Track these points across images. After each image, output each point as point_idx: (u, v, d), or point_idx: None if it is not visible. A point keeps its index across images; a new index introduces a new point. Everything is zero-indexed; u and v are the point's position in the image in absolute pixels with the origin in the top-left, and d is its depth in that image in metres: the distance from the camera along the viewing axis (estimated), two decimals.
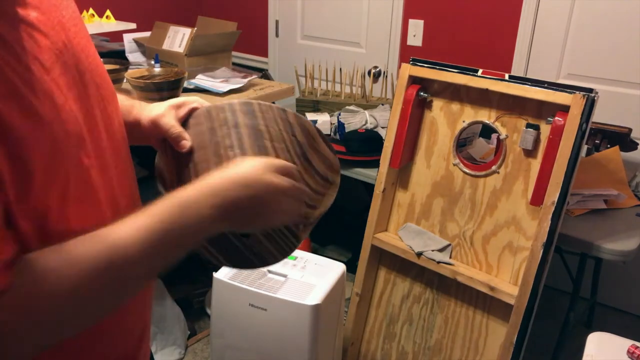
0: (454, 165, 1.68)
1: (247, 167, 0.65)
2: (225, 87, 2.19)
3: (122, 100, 0.81)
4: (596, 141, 1.95)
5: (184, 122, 0.77)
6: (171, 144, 0.75)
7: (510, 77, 1.54)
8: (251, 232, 0.72)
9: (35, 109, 0.52)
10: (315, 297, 1.59)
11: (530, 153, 1.54)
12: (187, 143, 0.74)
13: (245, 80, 2.27)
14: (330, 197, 0.80)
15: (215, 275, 1.68)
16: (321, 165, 0.78)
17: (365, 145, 2.12)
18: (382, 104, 2.42)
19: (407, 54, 2.71)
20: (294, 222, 0.74)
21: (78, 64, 0.62)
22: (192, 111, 0.78)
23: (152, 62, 2.27)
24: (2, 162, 0.49)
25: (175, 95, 1.93)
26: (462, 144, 1.83)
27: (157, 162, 0.79)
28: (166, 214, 0.59)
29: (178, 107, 0.78)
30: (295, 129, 0.75)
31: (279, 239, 0.75)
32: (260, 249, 0.75)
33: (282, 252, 0.78)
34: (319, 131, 0.78)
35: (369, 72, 2.70)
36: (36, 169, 0.52)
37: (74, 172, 0.58)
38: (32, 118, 0.52)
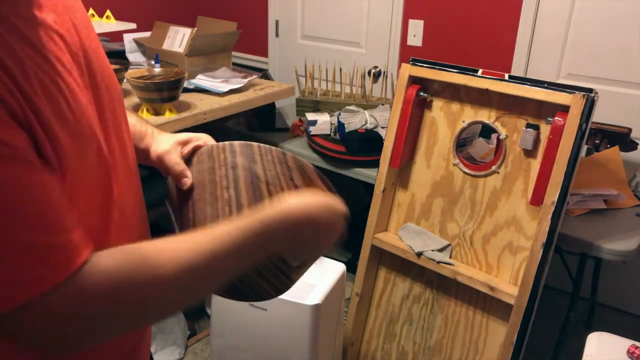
0: (454, 165, 1.68)
1: (318, 204, 0.69)
2: (225, 87, 2.19)
3: (136, 124, 0.83)
4: (596, 141, 1.95)
5: (189, 158, 0.79)
6: (174, 180, 0.78)
7: (510, 77, 1.54)
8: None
9: (63, 108, 0.54)
10: (315, 297, 1.59)
11: (530, 153, 1.54)
12: (187, 181, 0.76)
13: (245, 80, 2.27)
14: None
15: None
16: None
17: (365, 145, 2.12)
18: (382, 104, 2.42)
19: (407, 54, 2.71)
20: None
21: (90, 66, 0.63)
22: (196, 149, 0.79)
23: (152, 62, 2.27)
24: (55, 163, 0.52)
25: (176, 95, 1.93)
26: (462, 144, 1.83)
27: (168, 182, 0.82)
28: (249, 229, 0.63)
29: (184, 143, 0.80)
30: (293, 173, 0.76)
31: (273, 278, 0.79)
32: (255, 285, 0.79)
33: (276, 291, 0.83)
34: (319, 174, 0.79)
35: (369, 72, 2.70)
36: (68, 168, 0.54)
37: (92, 171, 0.59)
38: (63, 118, 0.53)
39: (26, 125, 0.50)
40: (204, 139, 0.81)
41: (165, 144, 0.80)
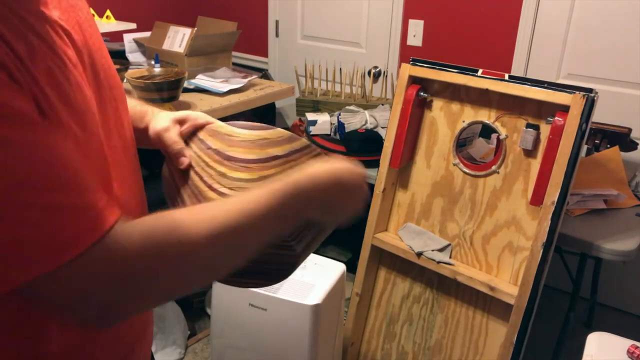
0: (454, 165, 1.68)
1: (344, 168, 0.69)
2: (225, 87, 2.19)
3: (136, 106, 0.82)
4: (596, 141, 1.95)
5: (188, 137, 0.78)
6: (172, 158, 0.76)
7: (510, 77, 1.54)
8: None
9: (70, 98, 0.54)
10: (315, 297, 1.59)
11: (530, 153, 1.54)
12: (185, 160, 0.75)
13: (245, 80, 2.27)
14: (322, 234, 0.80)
15: None
16: None
17: (365, 145, 2.12)
18: (382, 104, 2.42)
19: (407, 54, 2.71)
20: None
21: (94, 64, 0.63)
22: (195, 127, 0.78)
23: (152, 62, 2.27)
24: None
25: (176, 95, 1.93)
26: (462, 144, 1.83)
27: (164, 171, 0.81)
28: (283, 192, 0.62)
29: (182, 121, 0.79)
30: (302, 150, 0.74)
31: (274, 262, 0.76)
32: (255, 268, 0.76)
33: (277, 276, 0.78)
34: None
35: (369, 72, 2.70)
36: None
37: (93, 164, 0.59)
38: (70, 106, 0.54)
39: (35, 103, 0.50)
40: (202, 117, 0.80)
41: (163, 122, 0.78)
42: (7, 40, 0.49)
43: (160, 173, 0.82)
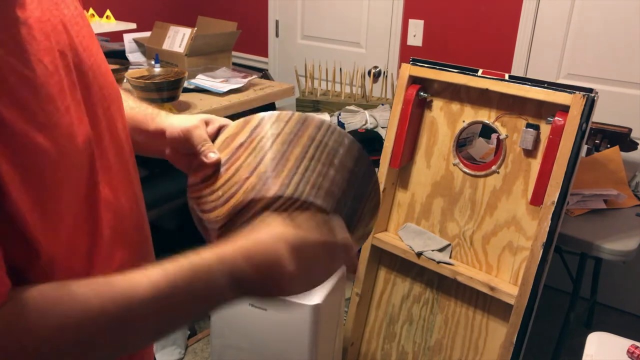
0: (454, 165, 1.68)
1: (263, 241, 0.60)
2: (225, 87, 2.19)
3: (145, 108, 0.80)
4: (596, 141, 1.96)
5: (213, 139, 0.75)
6: (199, 156, 0.72)
7: (510, 77, 1.54)
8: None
9: (37, 113, 0.51)
10: (315, 297, 1.59)
11: (530, 153, 1.54)
12: (214, 156, 0.70)
13: (245, 80, 2.27)
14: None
15: None
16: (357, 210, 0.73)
17: (365, 145, 2.11)
18: (382, 104, 2.42)
19: (407, 54, 2.71)
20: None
21: (81, 64, 0.61)
22: (221, 128, 0.76)
23: (152, 62, 2.28)
24: (8, 171, 0.48)
25: (176, 95, 1.93)
26: (462, 144, 1.83)
27: (190, 182, 0.77)
28: (179, 276, 0.55)
29: (208, 122, 0.76)
30: (338, 149, 0.70)
31: None
32: None
33: None
34: (361, 154, 0.72)
35: (369, 72, 2.70)
36: (45, 174, 0.52)
37: (78, 175, 0.57)
38: (35, 123, 0.51)
39: None
40: (225, 121, 0.77)
41: (192, 120, 0.76)
42: None
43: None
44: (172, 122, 0.77)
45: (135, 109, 0.80)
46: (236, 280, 0.57)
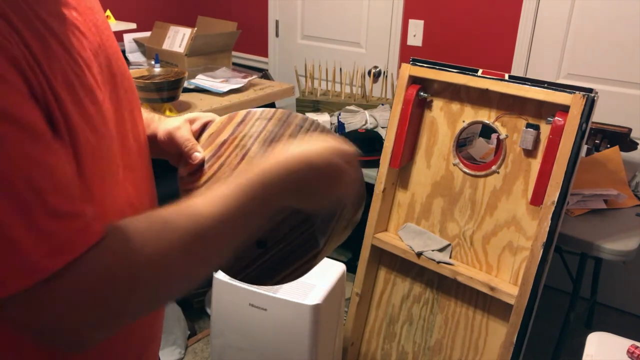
0: (454, 165, 1.68)
1: (318, 148, 0.65)
2: (225, 87, 2.19)
3: (147, 113, 0.82)
4: (596, 141, 1.96)
5: (198, 135, 0.77)
6: (185, 157, 0.75)
7: (510, 77, 1.54)
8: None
9: (82, 101, 0.54)
10: (315, 297, 1.59)
11: (530, 153, 1.54)
12: (198, 155, 0.74)
13: (245, 80, 2.27)
14: (345, 232, 0.78)
15: (215, 275, 1.68)
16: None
17: (365, 145, 2.12)
18: (382, 104, 2.42)
19: (407, 54, 2.71)
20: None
21: (110, 66, 0.63)
22: (205, 124, 0.78)
23: (152, 62, 2.28)
24: (67, 142, 0.51)
25: (176, 95, 1.93)
26: (462, 144, 1.83)
27: (179, 174, 0.80)
28: (241, 191, 0.59)
29: (192, 121, 0.78)
30: (311, 130, 0.72)
31: (295, 257, 0.74)
32: (273, 262, 0.74)
33: (296, 273, 0.77)
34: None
35: (369, 72, 2.70)
36: (85, 161, 0.54)
37: (108, 169, 0.59)
38: (81, 110, 0.53)
39: (45, 110, 0.49)
40: (211, 116, 0.79)
41: (175, 122, 0.78)
42: (24, 40, 0.48)
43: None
44: (162, 126, 0.79)
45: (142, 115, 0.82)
46: (297, 186, 0.62)
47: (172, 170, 0.83)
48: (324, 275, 1.69)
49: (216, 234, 0.57)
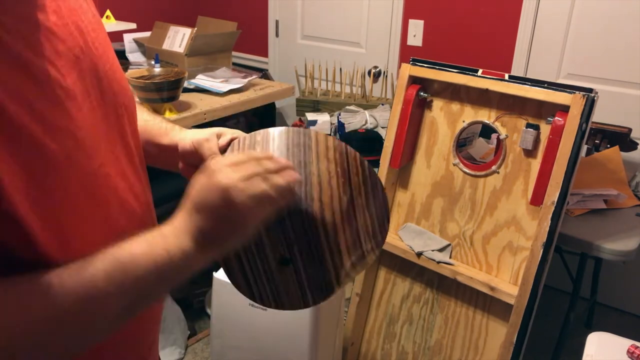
0: (454, 165, 1.68)
1: (196, 185, 0.61)
2: (225, 87, 2.19)
3: (160, 122, 0.82)
4: (596, 141, 1.96)
5: (222, 151, 0.77)
6: None
7: (510, 77, 1.54)
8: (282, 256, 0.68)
9: (46, 114, 0.52)
10: None
11: (530, 153, 1.54)
12: None
13: (246, 80, 2.27)
14: (371, 256, 0.74)
15: (215, 275, 1.68)
16: (374, 220, 0.74)
17: (365, 145, 2.12)
18: (382, 104, 2.42)
19: (407, 54, 2.71)
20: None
21: (96, 70, 0.61)
22: (231, 141, 0.77)
23: (152, 62, 2.28)
24: (13, 165, 0.48)
25: (176, 95, 1.93)
26: (462, 144, 1.83)
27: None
28: (145, 250, 0.56)
29: (219, 135, 0.77)
30: (351, 165, 0.71)
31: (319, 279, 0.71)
32: (292, 285, 0.71)
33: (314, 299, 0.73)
34: (381, 186, 0.73)
35: (369, 72, 2.70)
36: (50, 176, 0.52)
37: (86, 178, 0.57)
38: (43, 123, 0.51)
39: None
40: (238, 133, 0.78)
41: (204, 133, 0.77)
42: None
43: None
44: (184, 136, 0.78)
45: (150, 122, 0.81)
46: (198, 234, 0.58)
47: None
48: None
49: (105, 301, 0.54)
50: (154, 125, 0.81)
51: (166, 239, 0.58)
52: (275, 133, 0.74)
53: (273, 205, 0.62)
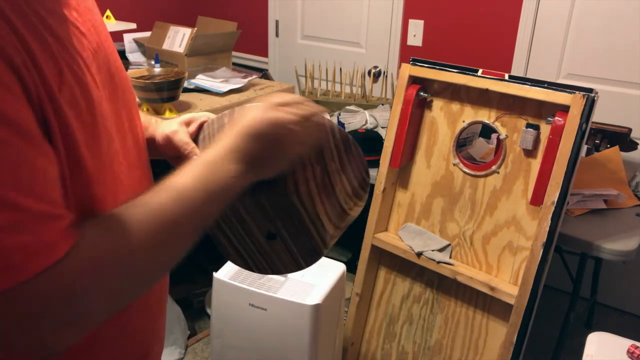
0: (454, 165, 1.68)
1: (250, 117, 0.67)
2: (225, 87, 2.19)
3: (144, 116, 0.82)
4: (596, 141, 1.95)
5: (196, 137, 0.78)
6: (185, 160, 0.76)
7: (510, 77, 1.54)
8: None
9: (79, 100, 0.54)
10: (315, 297, 1.59)
11: (530, 153, 1.54)
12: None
13: (246, 80, 2.27)
14: (355, 210, 0.79)
15: (215, 275, 1.68)
16: (352, 179, 0.77)
17: (365, 145, 2.12)
18: (382, 104, 2.42)
19: (407, 54, 2.71)
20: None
21: (109, 67, 0.64)
22: (201, 125, 0.79)
23: (152, 62, 2.27)
24: (59, 142, 0.51)
25: (176, 95, 1.93)
26: (462, 144, 1.83)
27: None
28: (197, 174, 0.61)
29: (188, 123, 0.79)
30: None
31: (304, 244, 0.75)
32: (283, 254, 0.76)
33: (305, 261, 0.78)
34: (354, 143, 0.76)
35: (369, 72, 2.70)
36: (84, 160, 0.54)
37: (110, 168, 0.60)
38: (76, 108, 0.54)
39: (39, 111, 0.49)
40: (206, 115, 0.80)
41: (171, 126, 0.79)
42: (23, 39, 0.48)
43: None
44: (160, 130, 0.79)
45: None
46: (246, 161, 0.64)
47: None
48: (324, 275, 1.69)
49: (183, 220, 0.59)
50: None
51: (217, 164, 0.63)
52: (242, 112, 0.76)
53: (310, 141, 0.70)
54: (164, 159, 0.82)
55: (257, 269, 0.79)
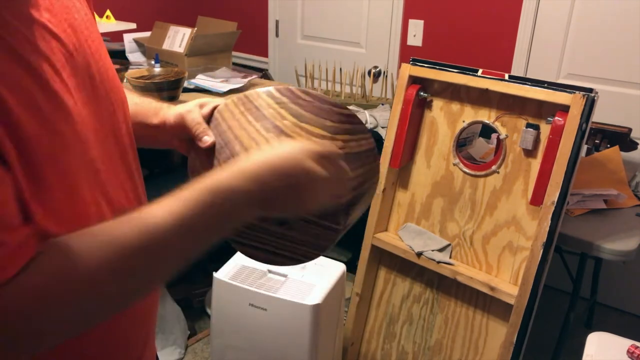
0: (454, 165, 1.68)
1: (285, 152, 0.61)
2: (225, 87, 2.19)
3: (149, 102, 0.82)
4: (596, 141, 1.96)
5: (208, 120, 0.77)
6: (195, 141, 0.75)
7: (510, 77, 1.54)
8: (285, 217, 0.69)
9: (42, 108, 0.52)
10: (315, 297, 1.59)
11: (530, 153, 1.54)
12: (208, 139, 0.73)
13: (245, 80, 2.27)
14: (369, 196, 0.77)
15: (215, 275, 1.68)
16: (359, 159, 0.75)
17: None
18: (382, 104, 2.42)
19: (407, 54, 2.71)
20: (329, 209, 0.69)
21: (88, 68, 0.62)
22: (214, 109, 0.78)
23: (152, 62, 2.28)
24: (14, 158, 0.49)
25: (176, 95, 1.93)
26: (462, 144, 1.83)
27: (190, 165, 0.78)
28: (197, 201, 0.57)
29: (203, 105, 0.78)
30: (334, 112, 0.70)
31: (318, 231, 0.72)
32: (296, 241, 0.73)
33: (319, 247, 0.74)
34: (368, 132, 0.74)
35: (369, 72, 2.70)
36: (45, 167, 0.52)
37: (82, 174, 0.58)
38: (38, 117, 0.52)
39: None
40: (220, 100, 0.80)
41: (187, 105, 0.78)
42: None
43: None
44: (172, 112, 0.78)
45: (140, 104, 0.81)
46: (261, 195, 0.59)
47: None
48: (324, 275, 1.70)
49: (166, 246, 0.56)
50: (144, 106, 0.81)
51: (230, 190, 0.58)
52: (261, 96, 0.75)
53: (325, 204, 0.66)
54: (171, 147, 0.81)
55: (301, 257, 0.75)
